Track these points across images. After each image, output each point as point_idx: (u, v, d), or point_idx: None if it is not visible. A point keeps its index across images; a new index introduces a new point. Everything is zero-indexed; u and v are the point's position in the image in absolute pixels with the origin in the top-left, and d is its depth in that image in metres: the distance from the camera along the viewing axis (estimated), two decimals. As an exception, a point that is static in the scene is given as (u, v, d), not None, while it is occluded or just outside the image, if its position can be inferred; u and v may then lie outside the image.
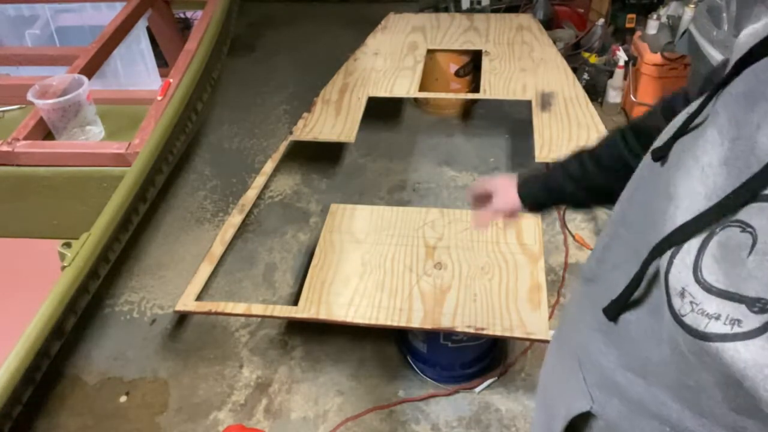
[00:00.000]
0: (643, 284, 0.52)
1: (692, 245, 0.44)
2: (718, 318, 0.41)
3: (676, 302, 0.45)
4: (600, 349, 0.59)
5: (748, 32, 0.50)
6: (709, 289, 0.42)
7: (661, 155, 0.54)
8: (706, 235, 0.44)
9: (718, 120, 0.47)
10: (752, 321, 0.39)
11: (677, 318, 0.44)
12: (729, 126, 0.46)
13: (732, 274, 0.41)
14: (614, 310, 0.55)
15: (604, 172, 0.84)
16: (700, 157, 0.47)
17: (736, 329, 0.40)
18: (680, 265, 0.45)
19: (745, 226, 0.41)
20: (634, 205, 0.58)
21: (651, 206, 0.53)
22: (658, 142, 0.56)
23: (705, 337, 0.42)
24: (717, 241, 0.43)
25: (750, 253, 0.40)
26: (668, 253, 0.47)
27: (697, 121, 0.52)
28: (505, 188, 0.97)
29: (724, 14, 2.04)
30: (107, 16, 2.22)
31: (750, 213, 0.41)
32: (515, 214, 0.99)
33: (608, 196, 0.82)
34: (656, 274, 0.50)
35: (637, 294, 0.52)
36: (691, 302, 0.43)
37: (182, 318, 2.09)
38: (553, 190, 0.93)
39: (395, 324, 1.56)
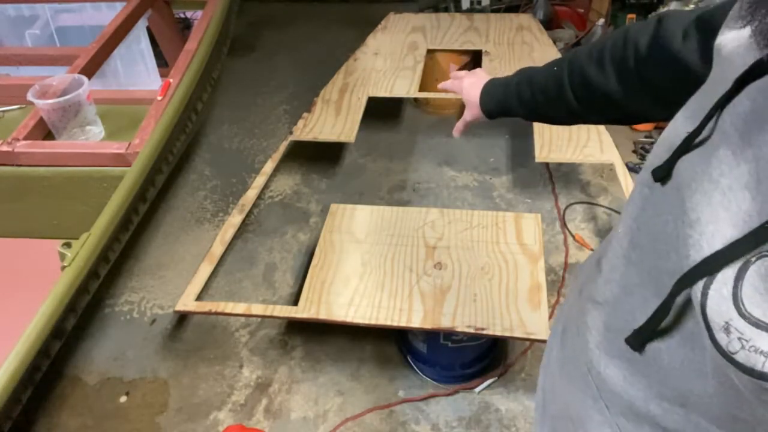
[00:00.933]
0: (672, 313, 0.49)
1: (727, 275, 0.42)
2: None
3: (721, 338, 0.42)
4: (624, 377, 0.57)
5: (735, 41, 0.48)
6: (757, 324, 0.40)
7: (662, 175, 0.52)
8: (741, 264, 0.41)
9: (730, 139, 0.45)
10: None
11: (727, 356, 0.42)
12: (743, 146, 0.44)
13: None
14: (639, 340, 0.53)
15: (551, 108, 0.89)
16: (718, 180, 0.45)
17: None
18: (717, 297, 0.42)
19: None
20: (641, 227, 0.56)
21: (664, 230, 0.51)
22: (657, 161, 0.53)
23: (764, 377, 0.39)
24: (755, 271, 0.40)
25: None
26: (700, 284, 0.44)
27: (700, 137, 0.49)
28: (473, 98, 1.02)
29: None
30: (107, 16, 2.22)
31: None
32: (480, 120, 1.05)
33: (554, 122, 0.95)
34: (686, 304, 0.48)
35: (664, 324, 0.50)
36: (739, 338, 0.41)
37: (182, 318, 2.09)
38: (506, 108, 0.97)
39: (395, 324, 1.56)
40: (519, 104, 0.93)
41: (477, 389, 1.83)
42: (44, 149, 1.64)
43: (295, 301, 1.73)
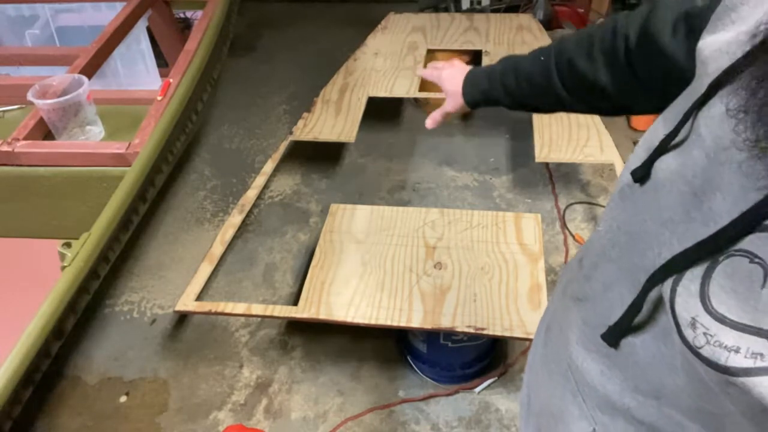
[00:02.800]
0: (645, 310, 0.51)
1: (695, 273, 0.44)
2: (738, 351, 0.40)
3: (688, 333, 0.44)
4: (602, 371, 0.58)
5: (713, 45, 0.49)
6: (722, 320, 0.41)
7: (641, 175, 0.53)
8: (709, 263, 0.43)
9: (704, 142, 0.46)
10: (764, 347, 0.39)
11: (693, 350, 0.43)
12: (717, 149, 0.45)
13: (747, 307, 0.40)
14: (614, 336, 0.55)
15: (536, 96, 0.88)
16: (691, 181, 0.47)
17: (759, 363, 0.39)
18: (685, 294, 0.44)
19: (752, 257, 0.40)
20: (621, 226, 0.57)
21: (641, 228, 0.52)
22: (637, 162, 0.55)
23: (728, 371, 0.41)
24: (722, 270, 0.42)
25: (763, 285, 0.39)
26: (670, 281, 0.46)
27: (677, 139, 0.50)
28: (454, 87, 1.00)
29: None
30: (107, 16, 2.22)
31: (755, 244, 0.40)
32: (462, 110, 1.03)
33: (539, 111, 0.95)
34: (659, 301, 0.50)
35: (638, 320, 0.52)
36: (705, 333, 0.42)
37: (182, 318, 2.09)
38: (490, 98, 0.95)
39: (395, 324, 1.56)
40: (504, 93, 0.92)
41: (477, 389, 1.83)
42: (44, 149, 1.64)
43: (295, 301, 1.73)
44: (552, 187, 2.55)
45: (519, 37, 2.86)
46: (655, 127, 0.55)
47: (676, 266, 0.46)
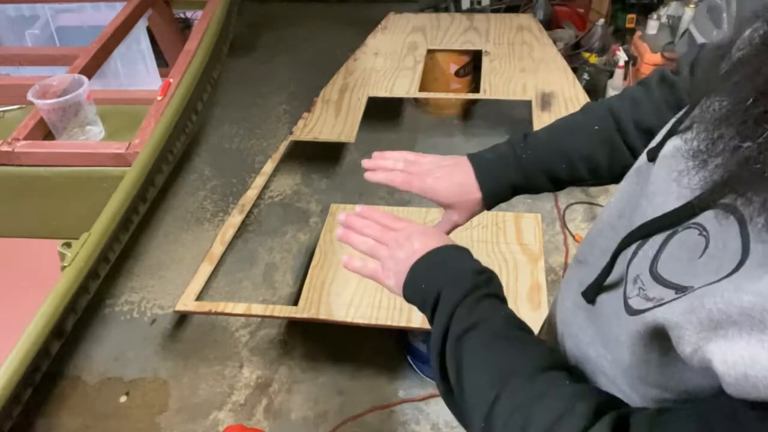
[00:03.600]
0: (617, 271, 0.55)
1: (656, 240, 0.48)
2: (652, 300, 0.46)
3: (629, 288, 0.50)
4: (579, 325, 0.63)
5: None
6: (657, 278, 0.46)
7: (653, 155, 0.56)
8: (670, 232, 0.47)
9: (706, 121, 0.49)
10: (670, 296, 0.44)
11: (624, 299, 0.50)
12: (713, 129, 0.48)
13: (680, 271, 0.45)
14: (591, 293, 0.59)
15: (599, 177, 0.76)
16: (680, 160, 0.50)
17: (656, 303, 0.45)
18: (642, 257, 0.49)
19: (702, 230, 0.44)
20: (630, 200, 0.60)
21: (639, 201, 0.56)
22: (653, 143, 0.58)
23: (636, 313, 0.47)
24: (678, 238, 0.46)
25: (702, 255, 0.43)
26: (634, 246, 0.51)
27: (686, 123, 0.54)
28: (462, 194, 0.83)
29: (724, 14, 2.04)
30: (107, 16, 2.22)
31: (707, 218, 0.44)
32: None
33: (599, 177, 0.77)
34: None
35: (610, 279, 0.56)
36: (639, 288, 0.48)
37: (182, 318, 2.09)
38: (524, 189, 0.78)
39: (395, 324, 1.56)
40: (547, 180, 0.76)
41: (477, 389, 1.83)
42: (44, 149, 1.64)
43: (295, 301, 1.73)
44: (552, 187, 2.55)
45: (519, 37, 2.86)
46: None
47: (642, 232, 0.50)
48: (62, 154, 1.63)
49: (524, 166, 0.75)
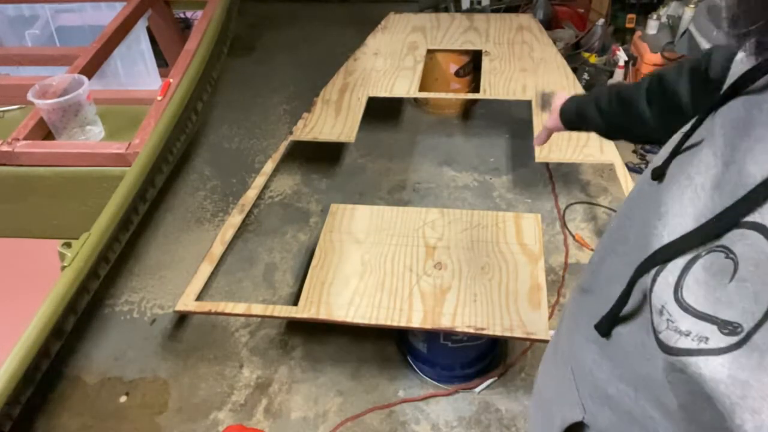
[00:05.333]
0: (635, 300, 0.52)
1: (677, 265, 0.45)
2: (688, 335, 0.42)
3: (656, 319, 0.46)
4: (594, 359, 0.60)
5: (742, 58, 0.52)
6: (686, 308, 0.43)
7: (659, 174, 0.55)
8: (692, 256, 0.44)
9: (715, 142, 0.48)
10: (718, 340, 0.40)
11: (654, 334, 0.46)
12: (725, 149, 0.46)
13: (712, 298, 0.42)
14: (606, 326, 0.56)
15: (622, 112, 0.93)
16: (693, 177, 0.48)
17: (702, 345, 0.41)
18: (663, 284, 0.46)
19: (728, 252, 0.41)
20: (633, 222, 0.58)
21: (647, 224, 0.54)
22: (658, 161, 0.57)
23: (671, 351, 0.43)
24: (701, 264, 0.43)
25: (732, 279, 0.41)
26: (653, 271, 0.48)
27: (692, 140, 0.52)
28: (556, 106, 1.08)
29: (724, 14, 2.04)
30: (107, 16, 2.22)
31: (732, 239, 0.42)
32: (559, 129, 1.10)
33: (626, 135, 1.00)
34: (645, 291, 0.51)
35: (627, 309, 0.53)
36: (667, 320, 0.44)
37: (182, 318, 2.09)
38: (582, 114, 1.01)
39: (395, 324, 1.56)
40: (595, 109, 0.98)
41: (477, 389, 1.83)
42: (44, 149, 1.64)
43: (295, 301, 1.73)
44: (552, 187, 2.55)
45: (519, 37, 2.86)
46: (682, 130, 0.57)
47: (661, 257, 0.47)
48: (62, 154, 1.63)
49: (588, 97, 1.00)
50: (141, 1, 2.28)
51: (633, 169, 2.62)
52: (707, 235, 0.43)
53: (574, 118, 1.04)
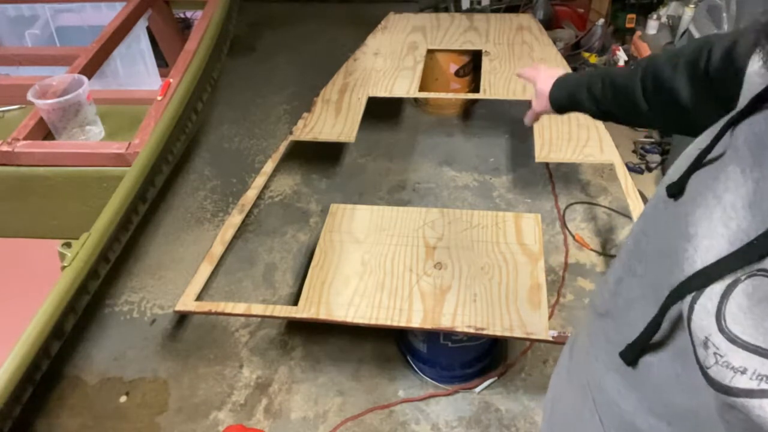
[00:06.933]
0: (665, 327, 0.49)
1: (714, 291, 0.42)
2: (744, 372, 0.39)
3: (701, 353, 0.42)
4: (618, 390, 0.57)
5: (758, 62, 0.49)
6: (734, 340, 0.40)
7: (676, 190, 0.52)
8: (731, 281, 0.41)
9: (741, 157, 0.45)
10: None
11: (702, 370, 0.42)
12: (753, 165, 0.43)
13: (761, 329, 0.39)
14: (632, 354, 0.53)
15: (618, 103, 0.89)
16: (722, 196, 0.45)
17: (764, 386, 0.38)
18: (702, 312, 0.43)
19: None
20: (651, 241, 0.55)
21: (669, 244, 0.51)
22: (673, 177, 0.53)
23: (730, 391, 0.40)
24: (743, 289, 0.40)
25: None
26: (689, 298, 0.44)
27: (712, 155, 0.49)
28: (544, 89, 1.03)
29: (724, 14, 2.04)
30: (107, 16, 2.22)
31: None
32: (548, 112, 1.06)
33: (620, 121, 0.95)
34: (679, 318, 0.48)
35: (657, 337, 0.50)
36: (715, 353, 0.41)
37: (182, 318, 2.09)
38: (574, 101, 0.97)
39: (395, 324, 1.56)
40: (588, 97, 0.93)
41: (477, 389, 1.83)
42: (44, 149, 1.64)
43: (295, 301, 1.73)
44: (552, 187, 2.55)
45: (519, 37, 2.86)
46: (696, 143, 0.54)
47: (696, 283, 0.44)
48: (62, 154, 1.63)
49: (580, 81, 0.96)
50: (141, 1, 2.28)
51: (633, 169, 2.62)
52: (748, 258, 0.40)
53: (565, 103, 1.00)
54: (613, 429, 0.59)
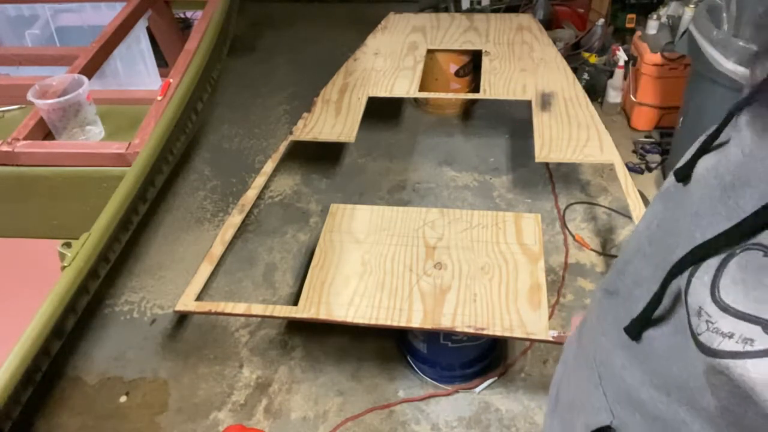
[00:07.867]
0: (666, 302, 0.51)
1: (711, 264, 0.44)
2: (731, 336, 0.41)
3: (694, 321, 0.45)
4: (623, 365, 0.59)
5: None
6: (725, 308, 0.42)
7: (684, 175, 0.54)
8: (726, 255, 0.44)
9: (743, 139, 0.47)
10: (764, 341, 0.39)
11: (693, 336, 0.45)
12: (753, 146, 0.46)
13: (752, 297, 0.41)
14: (636, 329, 0.55)
15: None
16: (723, 176, 0.47)
17: (748, 347, 0.40)
18: (698, 284, 0.45)
19: (765, 250, 0.41)
20: (660, 223, 0.57)
21: (675, 225, 0.53)
22: (681, 162, 0.56)
23: (716, 354, 0.42)
24: (737, 262, 0.43)
25: None
26: (687, 272, 0.47)
27: (720, 140, 0.51)
28: None
29: (724, 14, 2.04)
30: (107, 16, 2.22)
31: None
32: None
33: None
34: (679, 293, 0.50)
35: (660, 311, 0.52)
36: (707, 321, 0.43)
37: (182, 318, 2.09)
38: None
39: (395, 324, 1.56)
40: None
41: (477, 389, 1.83)
42: (44, 149, 1.64)
43: (295, 301, 1.73)
44: (552, 187, 2.55)
45: (519, 37, 2.86)
46: (707, 130, 0.56)
47: (694, 257, 0.46)
48: (62, 154, 1.63)
49: None
50: (141, 1, 2.28)
51: (633, 169, 2.62)
52: (742, 233, 0.43)
53: None
54: (616, 402, 0.61)
